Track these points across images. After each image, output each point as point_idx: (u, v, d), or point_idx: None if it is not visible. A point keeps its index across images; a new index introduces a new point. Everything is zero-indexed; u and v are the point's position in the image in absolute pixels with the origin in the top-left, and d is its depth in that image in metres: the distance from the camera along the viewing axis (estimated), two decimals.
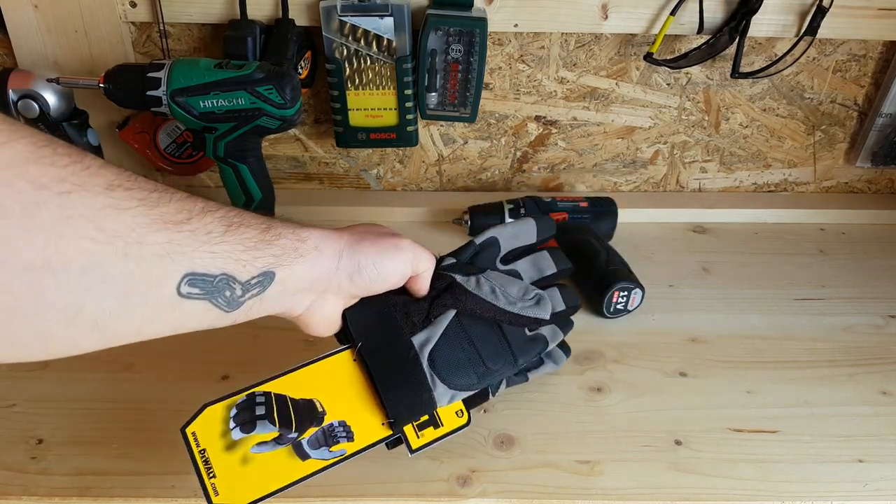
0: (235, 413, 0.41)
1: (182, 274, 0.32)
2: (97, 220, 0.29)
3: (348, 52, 0.68)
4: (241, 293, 0.35)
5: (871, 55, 0.77)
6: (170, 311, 0.33)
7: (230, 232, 0.35)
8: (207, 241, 0.33)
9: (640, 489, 0.48)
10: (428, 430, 0.46)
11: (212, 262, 0.34)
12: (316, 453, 0.41)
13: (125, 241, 0.30)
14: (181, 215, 0.32)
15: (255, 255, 0.36)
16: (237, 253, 0.35)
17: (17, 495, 0.46)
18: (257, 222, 0.37)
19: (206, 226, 0.34)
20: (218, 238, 0.34)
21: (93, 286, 0.29)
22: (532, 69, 0.76)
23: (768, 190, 0.87)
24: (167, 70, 0.57)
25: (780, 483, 0.49)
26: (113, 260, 0.29)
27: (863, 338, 0.63)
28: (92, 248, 0.29)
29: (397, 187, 0.84)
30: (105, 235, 0.29)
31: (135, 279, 0.31)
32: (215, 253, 0.34)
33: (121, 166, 0.32)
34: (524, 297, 0.50)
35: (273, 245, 0.37)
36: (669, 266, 0.73)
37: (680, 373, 0.58)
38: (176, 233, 0.32)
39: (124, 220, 0.30)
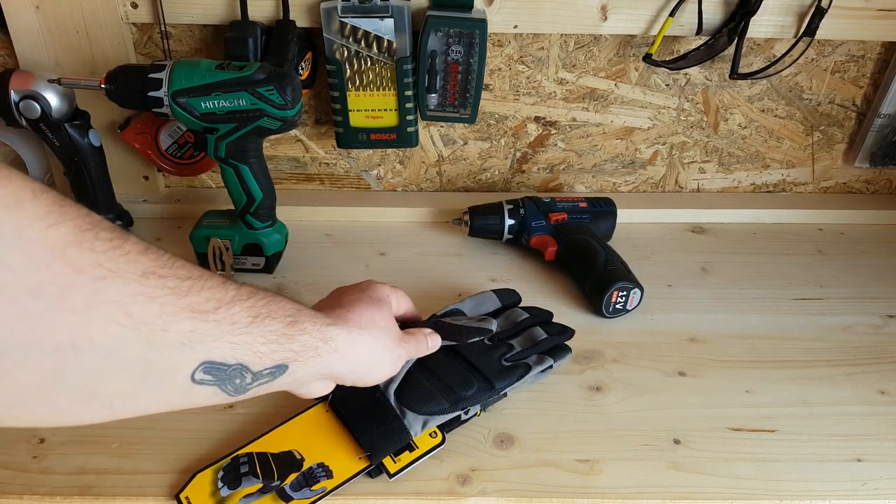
0: (222, 475, 0.47)
1: (200, 362, 0.33)
2: (127, 306, 0.29)
3: (349, 53, 0.69)
4: (250, 381, 0.36)
5: (870, 56, 0.77)
6: (180, 395, 0.34)
7: (255, 323, 0.35)
8: (231, 332, 0.34)
9: (640, 488, 0.48)
10: (404, 454, 0.49)
11: (231, 352, 0.34)
12: (298, 494, 0.46)
13: (150, 328, 0.30)
14: (210, 304, 0.33)
15: (274, 348, 0.36)
16: (257, 345, 0.35)
17: (18, 494, 0.46)
18: (284, 314, 0.37)
19: (232, 316, 0.34)
20: (242, 329, 0.34)
21: (113, 370, 0.30)
22: (531, 70, 0.76)
23: (767, 190, 0.87)
24: (168, 71, 0.57)
25: (779, 482, 0.49)
26: (136, 346, 0.30)
27: (861, 338, 0.64)
28: (118, 332, 0.29)
29: (397, 188, 0.84)
30: (132, 322, 0.29)
31: (154, 365, 0.31)
32: (236, 344, 0.34)
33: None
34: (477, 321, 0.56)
35: (294, 340, 0.38)
36: (668, 266, 0.73)
37: (679, 372, 0.59)
38: (201, 322, 0.32)
39: (152, 308, 0.30)
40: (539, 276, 0.71)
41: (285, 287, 0.67)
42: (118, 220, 0.73)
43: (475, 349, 0.55)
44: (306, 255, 0.72)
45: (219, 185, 0.82)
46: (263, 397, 0.39)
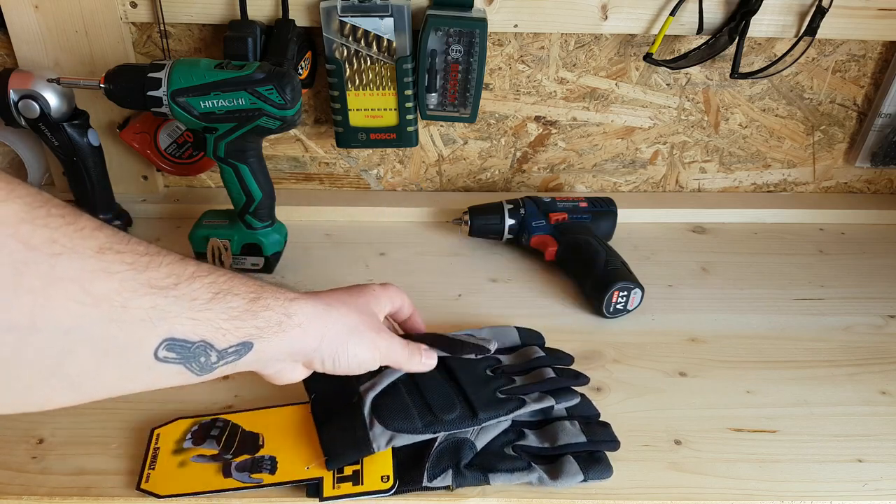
0: (196, 429, 0.50)
1: (161, 339, 0.32)
2: (85, 283, 0.29)
3: (349, 52, 0.69)
4: (216, 360, 0.35)
5: (871, 55, 0.77)
6: (144, 373, 0.33)
7: (216, 300, 0.35)
8: (192, 308, 0.33)
9: (640, 488, 0.48)
10: (346, 484, 0.46)
11: (193, 328, 0.34)
12: (237, 475, 0.47)
13: (111, 304, 0.30)
14: (169, 280, 0.33)
15: (237, 325, 0.36)
16: (220, 321, 0.35)
17: (17, 495, 0.46)
18: (246, 290, 0.37)
19: (193, 291, 0.34)
20: (203, 305, 0.34)
21: (74, 347, 0.29)
22: (532, 69, 0.76)
23: (768, 190, 0.87)
24: (168, 70, 0.57)
25: (780, 483, 0.49)
26: (97, 322, 0.30)
27: (862, 338, 0.63)
28: (78, 310, 0.29)
29: (397, 187, 0.84)
30: (92, 298, 0.29)
31: (116, 341, 0.31)
32: (197, 320, 0.34)
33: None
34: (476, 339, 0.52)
35: (258, 317, 0.37)
36: (669, 266, 0.73)
37: (679, 372, 0.58)
38: (161, 298, 0.32)
39: (111, 284, 0.30)
40: (539, 276, 0.71)
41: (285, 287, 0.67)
42: (117, 219, 0.73)
43: (472, 376, 0.51)
44: (306, 255, 0.72)
45: (218, 185, 0.82)
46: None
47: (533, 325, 0.62)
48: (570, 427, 0.49)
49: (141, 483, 0.46)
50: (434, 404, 0.48)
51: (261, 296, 0.38)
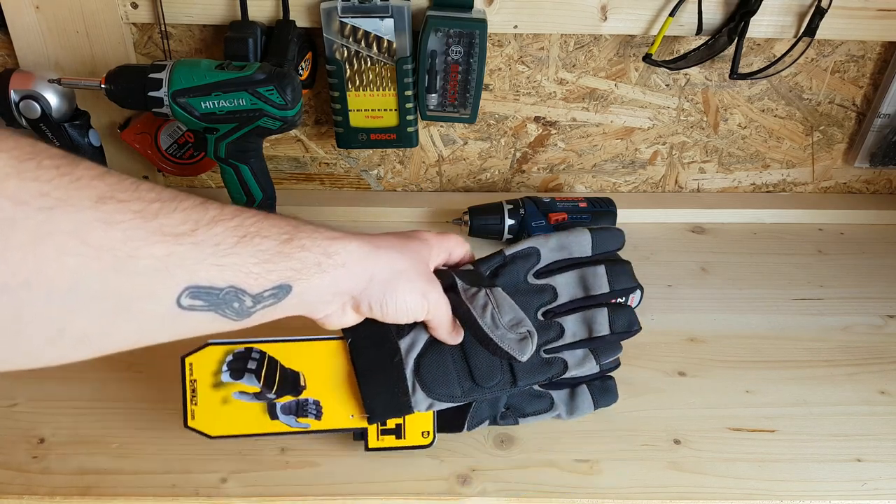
0: (231, 359, 0.46)
1: (182, 287, 0.31)
2: (82, 235, 0.27)
3: (349, 53, 0.69)
4: (251, 304, 0.34)
5: (870, 56, 0.77)
6: (170, 323, 0.32)
7: (242, 243, 0.33)
8: (214, 254, 0.31)
9: (640, 488, 0.48)
10: (390, 437, 0.48)
11: (218, 274, 0.32)
12: (284, 418, 0.47)
13: (114, 255, 0.28)
14: (185, 226, 0.30)
15: (270, 268, 0.34)
16: (249, 266, 0.33)
17: (18, 494, 0.46)
18: (277, 231, 0.35)
19: (214, 237, 0.31)
20: (227, 250, 0.32)
21: (78, 305, 0.28)
22: (531, 70, 0.76)
23: (767, 190, 0.87)
24: (168, 71, 0.57)
25: (779, 482, 0.49)
26: (100, 276, 0.28)
27: (861, 338, 0.64)
28: (76, 265, 0.27)
29: (397, 188, 0.84)
30: (92, 251, 0.27)
31: (127, 295, 0.29)
32: (223, 266, 0.32)
33: (126, 173, 0.30)
34: (513, 327, 0.46)
35: (291, 258, 0.35)
36: (668, 266, 0.73)
37: (679, 372, 0.59)
38: (176, 245, 0.30)
39: (114, 234, 0.28)
40: None
41: None
42: None
43: None
44: None
45: (219, 186, 0.82)
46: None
47: None
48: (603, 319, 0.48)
49: (188, 420, 0.46)
50: (476, 370, 0.48)
51: (295, 236, 0.35)
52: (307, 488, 0.47)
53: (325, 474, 0.48)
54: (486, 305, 0.46)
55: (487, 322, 0.45)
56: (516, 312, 0.46)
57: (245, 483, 0.47)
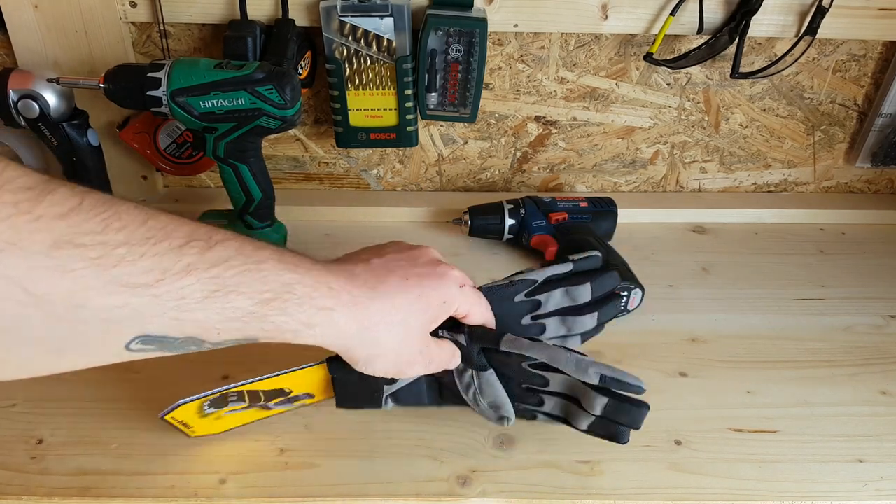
0: (208, 405, 0.47)
1: (132, 336, 0.29)
2: (26, 283, 0.25)
3: (348, 52, 0.68)
4: (209, 347, 0.32)
5: (871, 55, 0.77)
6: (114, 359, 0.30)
7: (212, 298, 0.30)
8: (176, 308, 0.29)
9: (640, 489, 0.48)
10: None
11: (177, 326, 0.29)
12: (278, 406, 0.50)
13: (59, 306, 0.26)
14: (149, 276, 0.28)
15: (237, 326, 0.31)
16: (212, 322, 0.30)
17: (17, 495, 0.46)
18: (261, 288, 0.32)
19: (179, 290, 0.29)
20: (192, 305, 0.29)
21: (16, 346, 0.27)
22: (532, 69, 0.76)
23: (768, 190, 0.87)
24: (167, 70, 0.57)
25: (780, 483, 0.49)
26: (41, 323, 0.26)
27: (862, 338, 0.63)
28: (14, 310, 0.26)
29: (397, 187, 0.84)
30: (34, 299, 0.26)
31: (70, 342, 0.28)
32: (182, 320, 0.29)
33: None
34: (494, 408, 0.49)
35: (265, 320, 0.32)
36: (669, 266, 0.73)
37: (680, 373, 0.58)
38: (132, 297, 0.28)
39: (63, 283, 0.26)
40: None
41: None
42: None
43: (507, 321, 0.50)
44: None
45: (217, 185, 0.82)
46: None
47: None
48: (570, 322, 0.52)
49: (189, 435, 0.48)
50: (447, 391, 0.51)
51: (281, 296, 0.32)
52: (306, 489, 0.47)
53: (325, 475, 0.48)
54: (470, 386, 0.49)
55: (469, 397, 0.49)
56: (497, 396, 0.48)
57: (244, 484, 0.47)
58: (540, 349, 0.46)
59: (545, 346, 0.46)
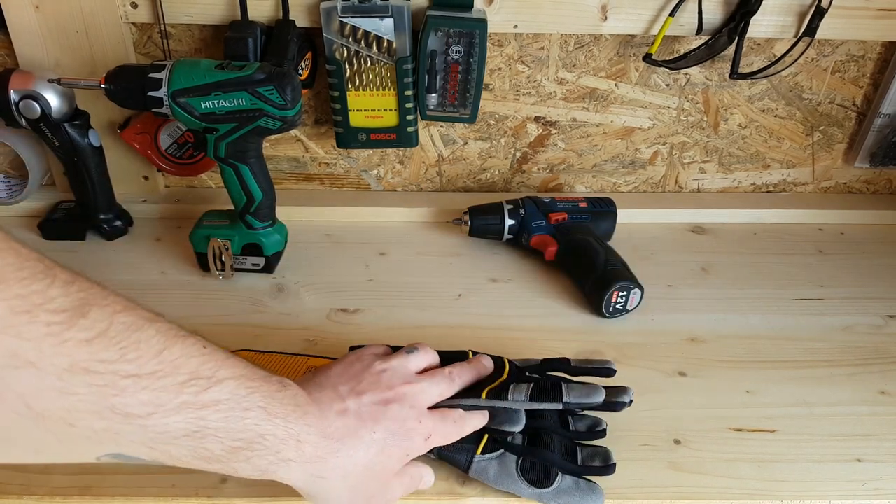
0: None
1: (107, 452, 0.30)
2: (30, 399, 0.26)
3: (349, 53, 0.69)
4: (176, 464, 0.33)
5: (870, 56, 0.77)
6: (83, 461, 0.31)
7: (190, 437, 0.31)
8: (154, 440, 0.30)
9: (640, 488, 0.48)
10: None
11: (147, 453, 0.31)
12: None
13: (52, 422, 0.27)
14: (144, 409, 0.29)
15: (201, 464, 0.33)
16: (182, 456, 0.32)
17: (17, 494, 0.46)
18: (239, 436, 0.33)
19: (166, 425, 0.30)
20: (170, 439, 0.31)
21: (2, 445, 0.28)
22: (532, 70, 0.76)
23: (767, 190, 0.87)
24: (168, 71, 0.57)
25: (779, 482, 0.49)
26: (32, 431, 0.27)
27: (861, 338, 0.63)
28: (12, 420, 0.27)
29: (397, 188, 0.84)
30: (32, 414, 0.27)
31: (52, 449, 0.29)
32: (154, 449, 0.31)
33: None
34: None
35: (228, 466, 0.34)
36: (668, 266, 0.73)
37: (679, 372, 0.59)
38: (123, 424, 0.29)
39: (62, 404, 0.27)
40: (539, 276, 0.71)
41: (285, 287, 0.67)
42: (118, 220, 0.73)
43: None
44: (306, 255, 0.72)
45: (218, 185, 0.82)
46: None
47: (533, 325, 0.62)
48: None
49: None
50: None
51: (250, 446, 0.34)
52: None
53: None
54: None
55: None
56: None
57: (245, 483, 0.47)
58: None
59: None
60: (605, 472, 0.47)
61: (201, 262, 0.68)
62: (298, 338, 0.60)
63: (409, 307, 0.65)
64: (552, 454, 0.48)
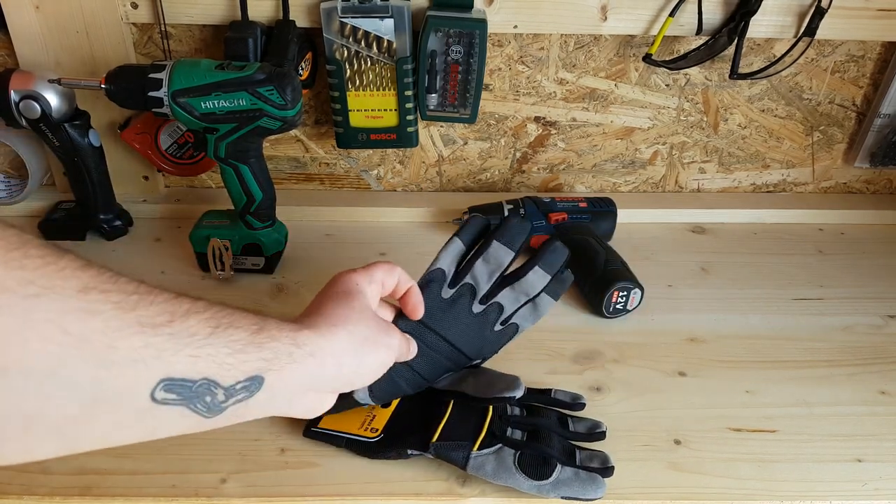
0: None
1: (158, 379, 0.31)
2: (65, 323, 0.27)
3: (349, 53, 0.69)
4: (223, 398, 0.34)
5: (870, 56, 0.77)
6: (142, 417, 0.31)
7: (216, 333, 0.33)
8: (190, 344, 0.31)
9: (640, 488, 0.48)
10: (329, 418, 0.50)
11: (193, 365, 0.32)
12: None
13: (94, 345, 0.28)
14: (162, 317, 0.31)
15: (243, 358, 0.34)
16: (222, 356, 0.33)
17: (17, 495, 0.46)
18: (248, 323, 0.35)
19: (189, 328, 0.32)
20: (202, 340, 0.32)
21: (55, 392, 0.28)
22: (531, 70, 0.76)
23: (767, 190, 0.87)
24: (168, 71, 0.57)
25: (779, 482, 0.49)
26: (80, 365, 0.28)
27: (861, 338, 0.63)
28: (57, 352, 0.27)
29: (397, 188, 0.84)
30: (72, 339, 0.27)
31: (104, 385, 0.29)
32: (198, 357, 0.32)
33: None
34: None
35: (263, 348, 0.35)
36: (668, 266, 0.73)
37: (679, 372, 0.59)
38: (153, 336, 0.30)
39: (94, 323, 0.28)
40: None
41: (285, 287, 0.67)
42: (118, 220, 0.73)
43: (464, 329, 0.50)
44: (306, 255, 0.72)
45: (219, 185, 0.82)
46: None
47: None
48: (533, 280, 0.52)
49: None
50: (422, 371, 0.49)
51: (264, 327, 0.36)
52: (306, 489, 0.47)
53: (325, 475, 0.48)
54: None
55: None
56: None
57: (244, 483, 0.47)
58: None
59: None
60: (604, 475, 0.47)
61: (201, 262, 0.68)
62: None
63: None
64: (550, 449, 0.48)
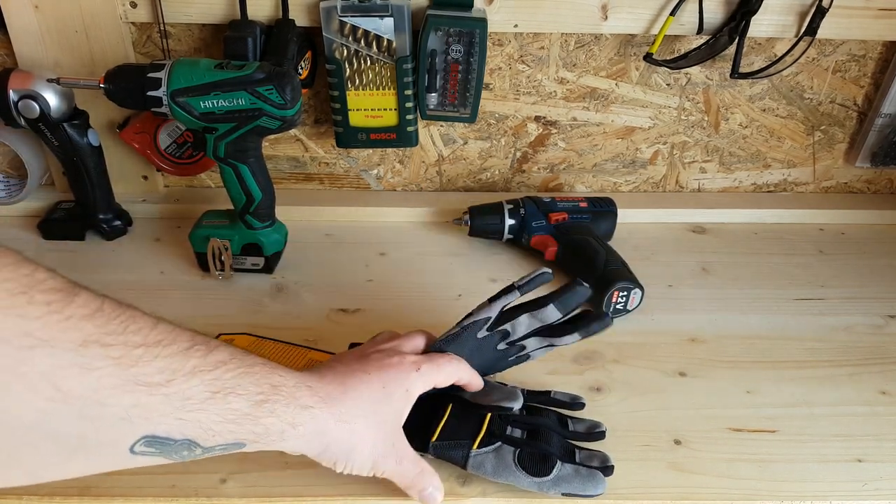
0: None
1: (141, 436, 0.31)
2: (57, 379, 0.27)
3: (348, 52, 0.69)
4: (200, 453, 0.33)
5: (871, 55, 0.77)
6: (117, 463, 0.31)
7: (214, 399, 0.32)
8: (181, 408, 0.31)
9: (640, 489, 0.48)
10: None
11: (179, 428, 0.31)
12: None
13: (84, 403, 0.28)
14: (162, 376, 0.30)
15: (231, 428, 0.33)
16: (211, 423, 0.32)
17: (17, 495, 0.46)
18: (254, 390, 0.34)
19: (188, 390, 0.31)
20: (195, 405, 0.31)
21: (36, 441, 0.28)
22: (532, 69, 0.76)
23: (768, 190, 0.87)
24: (167, 70, 0.57)
25: (780, 483, 0.49)
26: (65, 419, 0.28)
27: (862, 338, 0.63)
28: (45, 407, 0.27)
29: (397, 187, 0.84)
30: (62, 395, 0.27)
31: (86, 439, 0.29)
32: (185, 421, 0.31)
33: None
34: None
35: (258, 423, 0.34)
36: (669, 266, 0.73)
37: (679, 373, 0.58)
38: (147, 396, 0.30)
39: (88, 381, 0.28)
40: None
41: (285, 287, 0.67)
42: (117, 219, 0.73)
43: (484, 360, 0.50)
44: (306, 255, 0.72)
45: (218, 185, 0.82)
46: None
47: None
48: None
49: None
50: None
51: (270, 398, 0.35)
52: (307, 489, 0.47)
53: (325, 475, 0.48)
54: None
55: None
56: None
57: (245, 484, 0.47)
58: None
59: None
60: (604, 474, 0.47)
61: (201, 262, 0.68)
62: (298, 338, 0.60)
63: (409, 307, 0.65)
64: (550, 447, 0.48)
